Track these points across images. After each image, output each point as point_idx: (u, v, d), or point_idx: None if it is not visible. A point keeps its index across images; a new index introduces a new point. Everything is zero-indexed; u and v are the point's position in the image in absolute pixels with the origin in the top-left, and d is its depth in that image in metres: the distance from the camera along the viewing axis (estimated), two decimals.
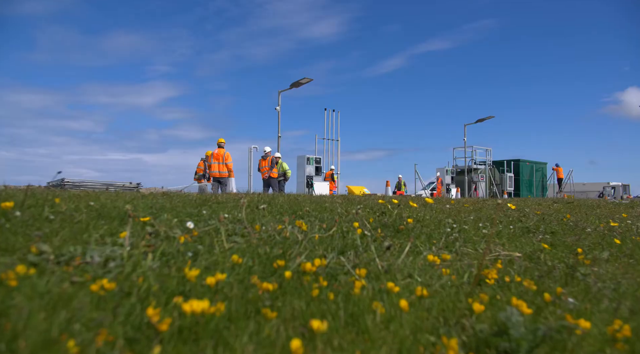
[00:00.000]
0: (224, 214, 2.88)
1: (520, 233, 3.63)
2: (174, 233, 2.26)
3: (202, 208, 3.05)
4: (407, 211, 3.84)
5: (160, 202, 3.12)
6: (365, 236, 2.89)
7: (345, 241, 2.68)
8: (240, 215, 2.96)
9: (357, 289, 1.76)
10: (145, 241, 1.96)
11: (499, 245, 3.11)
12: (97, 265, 1.80)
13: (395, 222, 3.36)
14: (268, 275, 1.93)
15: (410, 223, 3.24)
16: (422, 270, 2.25)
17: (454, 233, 3.26)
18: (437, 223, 3.53)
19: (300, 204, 3.73)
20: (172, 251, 2.01)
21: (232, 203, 3.42)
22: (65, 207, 2.68)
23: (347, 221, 3.24)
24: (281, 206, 3.52)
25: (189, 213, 2.85)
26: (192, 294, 1.57)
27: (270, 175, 16.45)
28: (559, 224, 4.13)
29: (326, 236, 2.66)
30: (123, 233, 2.07)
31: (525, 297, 1.94)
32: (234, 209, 3.20)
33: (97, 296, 1.43)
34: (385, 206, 3.86)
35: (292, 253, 2.21)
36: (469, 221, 3.71)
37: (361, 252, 2.29)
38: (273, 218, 3.07)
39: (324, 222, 3.12)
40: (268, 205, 3.35)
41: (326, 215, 3.38)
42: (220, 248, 2.19)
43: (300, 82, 20.34)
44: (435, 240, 3.04)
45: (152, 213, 2.74)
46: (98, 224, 2.40)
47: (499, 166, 33.09)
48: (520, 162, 34.27)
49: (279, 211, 3.34)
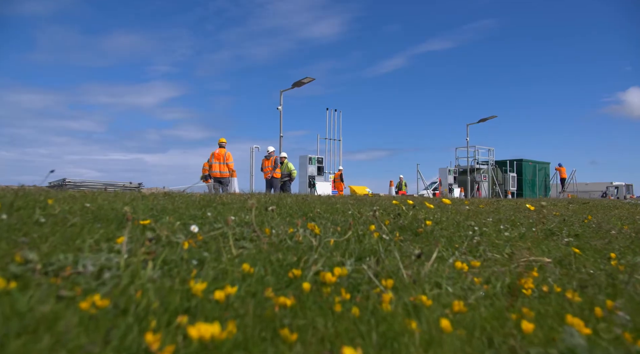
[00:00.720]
0: (231, 216, 2.67)
1: (543, 236, 3.41)
2: (177, 238, 2.05)
3: (207, 210, 2.84)
4: (423, 213, 3.63)
5: (161, 203, 2.91)
6: (382, 240, 2.67)
7: (363, 245, 2.47)
8: (248, 218, 2.75)
9: (386, 303, 1.55)
10: (145, 248, 1.75)
11: (524, 249, 2.89)
12: (90, 276, 1.59)
13: (412, 224, 3.15)
14: (283, 286, 1.72)
15: (429, 225, 3.02)
16: (450, 279, 2.04)
17: (475, 237, 3.05)
18: (456, 225, 3.31)
19: (310, 205, 3.51)
20: (175, 259, 1.80)
21: (238, 204, 3.21)
22: (59, 209, 2.47)
23: (362, 223, 3.03)
24: (290, 207, 3.30)
25: (192, 216, 2.64)
26: (198, 311, 1.36)
27: (273, 175, 16.23)
28: (581, 226, 3.91)
29: (342, 241, 2.45)
30: (120, 239, 1.86)
31: (571, 310, 1.73)
32: (241, 211, 2.99)
33: (87, 315, 1.22)
34: (400, 207, 3.65)
35: (308, 260, 2.00)
36: (489, 223, 3.50)
37: (382, 259, 2.08)
38: (283, 221, 2.86)
39: (337, 225, 2.91)
40: (277, 207, 3.14)
41: (338, 217, 3.17)
42: (228, 255, 1.98)
43: (302, 82, 20.15)
44: (457, 244, 2.82)
45: (153, 215, 2.53)
46: (93, 228, 2.19)
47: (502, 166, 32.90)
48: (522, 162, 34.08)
49: (288, 213, 3.12)
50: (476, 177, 31.50)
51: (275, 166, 16.28)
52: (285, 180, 17.00)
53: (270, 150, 16.75)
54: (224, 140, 15.86)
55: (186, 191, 19.24)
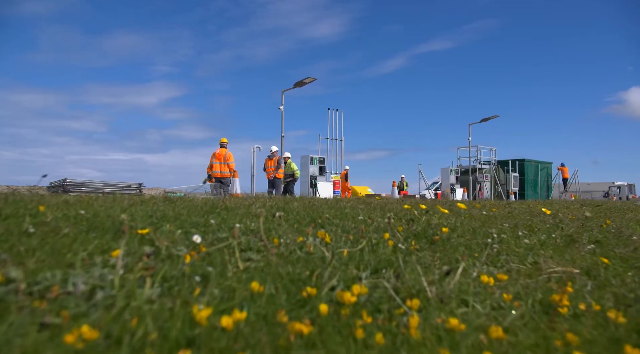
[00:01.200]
0: (236, 223, 2.49)
1: (563, 243, 3.23)
2: (178, 250, 1.88)
3: (210, 217, 2.67)
4: (436, 218, 3.45)
5: (161, 209, 2.74)
6: (398, 249, 2.50)
7: (378, 256, 2.29)
8: (254, 225, 2.58)
9: (414, 329, 1.38)
10: (143, 263, 1.58)
11: (547, 258, 2.72)
12: (80, 296, 1.42)
13: (426, 231, 2.97)
14: (296, 306, 1.55)
15: (445, 232, 2.85)
16: (477, 294, 1.87)
17: (494, 244, 2.87)
18: (472, 231, 3.14)
19: (318, 210, 3.34)
20: (176, 275, 1.63)
21: (242, 209, 3.03)
22: (51, 217, 2.30)
23: (374, 230, 2.86)
24: (297, 213, 3.13)
25: (194, 223, 2.47)
26: (203, 342, 1.19)
27: (276, 175, 16.05)
28: (600, 231, 3.73)
29: (355, 251, 2.28)
30: (116, 252, 1.69)
31: (617, 334, 1.56)
32: (246, 217, 2.82)
33: (73, 350, 1.06)
34: (412, 212, 3.48)
35: (321, 275, 1.83)
36: (506, 229, 3.32)
37: (403, 273, 1.91)
38: (291, 228, 2.69)
39: (349, 232, 2.73)
40: (284, 212, 2.97)
41: (348, 223, 2.99)
42: (234, 269, 1.81)
43: (304, 81, 19.97)
44: (476, 253, 2.65)
45: (152, 223, 2.36)
46: (87, 238, 2.02)
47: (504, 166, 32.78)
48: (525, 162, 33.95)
49: (296, 219, 2.95)
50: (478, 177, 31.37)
51: (278, 166, 16.10)
52: (288, 180, 16.82)
53: (273, 150, 16.57)
54: (225, 140, 15.69)
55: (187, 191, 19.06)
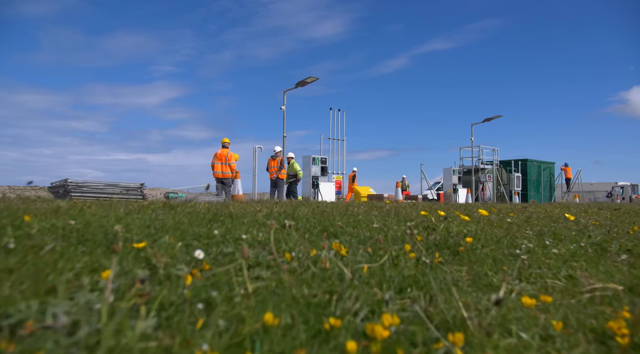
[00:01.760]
0: (242, 234, 2.26)
1: (594, 253, 3.00)
2: (178, 270, 1.64)
3: (213, 226, 2.44)
4: (455, 225, 3.22)
5: (160, 218, 2.50)
6: (421, 262, 2.27)
7: (400, 271, 2.06)
8: (262, 235, 2.35)
9: None
10: (136, 289, 1.34)
11: (583, 271, 2.48)
12: (61, 331, 1.19)
13: (447, 241, 2.74)
14: (317, 340, 1.32)
15: (469, 242, 2.61)
16: (519, 320, 1.64)
17: (522, 255, 2.64)
18: (496, 241, 2.90)
19: (328, 217, 3.10)
20: (176, 301, 1.40)
21: (248, 217, 2.80)
22: (37, 228, 2.07)
23: (391, 239, 2.62)
24: (307, 220, 2.90)
25: (196, 234, 2.24)
26: None
27: (279, 176, 15.84)
28: (629, 239, 3.49)
29: (376, 267, 2.04)
30: (106, 272, 1.46)
31: None
32: (252, 225, 2.59)
33: None
34: (429, 218, 3.24)
35: (342, 296, 1.60)
36: (531, 237, 3.08)
37: (434, 294, 1.67)
38: (302, 238, 2.46)
39: (365, 243, 2.50)
40: (293, 220, 2.74)
41: (363, 232, 2.76)
42: (243, 290, 1.58)
43: (306, 81, 19.77)
44: (505, 266, 2.41)
45: (150, 234, 2.13)
46: (76, 254, 1.79)
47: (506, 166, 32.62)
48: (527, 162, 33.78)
49: (306, 228, 2.72)
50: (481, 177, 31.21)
51: (281, 166, 15.90)
52: (291, 180, 16.62)
53: (277, 150, 16.37)
54: (226, 141, 15.50)
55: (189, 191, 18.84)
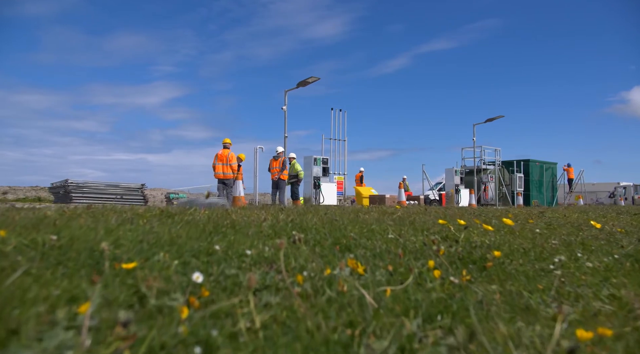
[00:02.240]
0: (247, 250, 2.01)
1: (631, 267, 2.74)
2: (172, 300, 1.40)
3: (214, 239, 2.19)
4: (476, 235, 2.97)
5: (155, 231, 2.25)
6: (448, 282, 2.02)
7: (426, 293, 1.82)
8: (268, 250, 2.10)
9: None
10: (118, 333, 1.10)
11: (626, 289, 2.24)
12: None
13: (471, 254, 2.49)
14: None
15: (498, 256, 2.36)
16: None
17: (555, 270, 2.39)
18: (523, 253, 2.65)
19: (339, 227, 2.85)
20: (168, 342, 1.16)
21: (253, 228, 2.55)
22: (14, 244, 1.83)
23: (411, 252, 2.38)
24: (317, 231, 2.65)
25: (195, 250, 1.99)
26: None
27: (281, 177, 15.62)
28: None
29: (399, 290, 1.80)
30: (84, 306, 1.21)
31: None
32: (257, 238, 2.34)
33: None
34: (447, 227, 3.00)
35: (365, 330, 1.36)
36: (560, 248, 2.83)
37: (474, 326, 1.43)
38: (312, 252, 2.21)
39: (382, 257, 2.25)
40: (301, 231, 2.49)
41: (378, 244, 2.51)
42: (249, 323, 1.34)
43: (307, 81, 19.56)
44: (540, 284, 2.16)
45: (142, 251, 1.88)
46: (54, 277, 1.54)
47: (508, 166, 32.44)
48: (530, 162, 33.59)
49: (316, 240, 2.47)
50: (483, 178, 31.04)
51: (283, 167, 15.68)
52: (292, 181, 16.41)
53: (279, 151, 16.17)
54: (228, 141, 15.29)
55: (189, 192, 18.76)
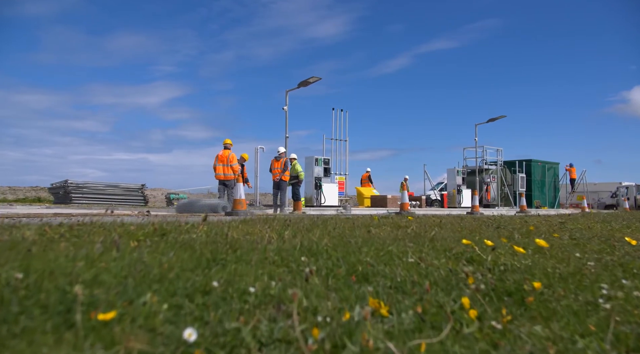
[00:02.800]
0: (250, 286, 1.71)
1: None
2: None
3: (212, 271, 1.89)
4: (503, 255, 2.67)
5: (144, 261, 1.95)
6: (485, 325, 1.72)
7: (466, 344, 1.52)
8: (274, 284, 1.80)
9: None
10: None
11: None
12: None
13: (504, 283, 2.19)
14: None
15: (538, 288, 2.06)
16: None
17: (604, 305, 2.09)
18: (561, 279, 2.35)
19: (353, 249, 2.55)
20: None
21: (256, 253, 2.24)
22: None
23: (436, 280, 2.08)
24: (328, 254, 2.35)
25: (189, 288, 1.69)
26: None
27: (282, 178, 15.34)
28: None
29: (436, 342, 1.50)
30: None
31: None
32: (261, 267, 2.04)
33: None
34: (472, 248, 2.70)
35: None
36: (601, 274, 2.53)
37: None
38: (324, 285, 1.91)
39: (406, 290, 1.95)
40: (311, 255, 2.19)
41: (398, 271, 2.21)
42: None
43: (309, 81, 19.29)
44: (592, 324, 1.87)
45: (125, 292, 1.58)
46: (11, 335, 1.25)
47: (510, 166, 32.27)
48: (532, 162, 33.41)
49: (328, 267, 2.16)
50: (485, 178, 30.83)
51: (285, 168, 15.41)
52: (293, 182, 16.15)
53: (281, 151, 15.91)
54: (228, 142, 15.02)
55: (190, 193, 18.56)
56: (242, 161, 16.70)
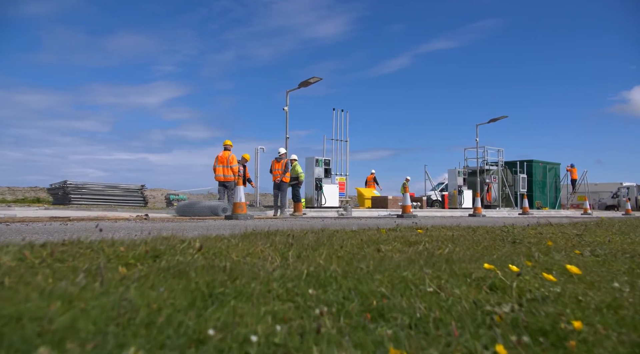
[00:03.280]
0: (252, 335, 1.47)
1: None
2: None
3: (208, 311, 1.65)
4: (528, 281, 2.44)
5: (130, 298, 1.70)
6: None
7: None
8: (280, 329, 1.56)
9: None
10: None
11: None
12: None
13: (535, 318, 1.96)
14: None
15: (579, 328, 1.83)
16: None
17: None
18: (596, 311, 2.12)
19: (364, 277, 2.31)
20: None
21: (259, 284, 2.00)
22: None
23: (461, 317, 1.85)
24: (338, 284, 2.11)
25: (180, 336, 1.45)
26: None
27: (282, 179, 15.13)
28: None
29: None
30: None
31: None
32: (264, 302, 1.80)
33: None
34: (495, 273, 2.46)
35: None
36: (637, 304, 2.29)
37: None
38: (335, 325, 1.67)
39: (428, 332, 1.72)
40: (319, 286, 1.95)
41: (417, 303, 1.97)
42: None
43: (309, 81, 19.08)
44: None
45: (104, 346, 1.34)
46: None
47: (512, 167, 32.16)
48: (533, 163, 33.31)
49: (339, 302, 1.93)
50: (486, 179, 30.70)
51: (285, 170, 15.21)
52: (293, 183, 15.97)
53: (281, 152, 15.72)
54: (228, 143, 14.82)
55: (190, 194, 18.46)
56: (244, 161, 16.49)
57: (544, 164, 34.69)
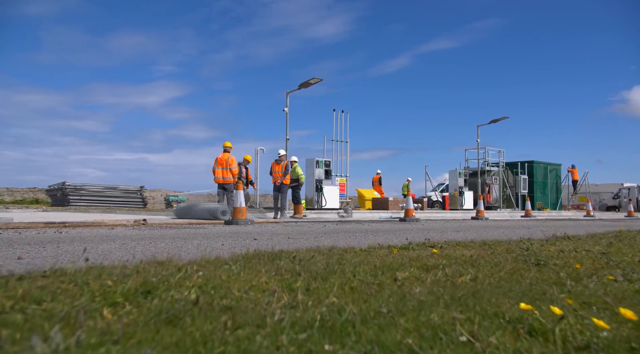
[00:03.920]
0: None
1: None
2: None
3: None
4: (571, 325, 2.15)
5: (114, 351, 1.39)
6: None
7: None
8: None
9: None
10: None
11: None
12: None
13: None
14: None
15: None
16: None
17: None
18: None
19: (387, 323, 2.02)
20: None
21: (266, 341, 1.70)
22: None
23: None
24: (357, 334, 1.82)
25: None
26: None
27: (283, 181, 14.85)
28: None
29: None
30: None
31: None
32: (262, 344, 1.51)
33: None
34: (534, 316, 2.17)
35: None
36: None
37: None
38: None
39: None
40: (336, 339, 1.66)
41: None
42: None
43: (310, 82, 18.76)
44: None
45: None
46: None
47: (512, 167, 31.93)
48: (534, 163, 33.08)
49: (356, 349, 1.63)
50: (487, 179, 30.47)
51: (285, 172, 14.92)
52: (293, 185, 15.69)
53: (281, 154, 15.42)
54: (228, 144, 14.50)
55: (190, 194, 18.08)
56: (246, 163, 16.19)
57: (545, 165, 34.46)
